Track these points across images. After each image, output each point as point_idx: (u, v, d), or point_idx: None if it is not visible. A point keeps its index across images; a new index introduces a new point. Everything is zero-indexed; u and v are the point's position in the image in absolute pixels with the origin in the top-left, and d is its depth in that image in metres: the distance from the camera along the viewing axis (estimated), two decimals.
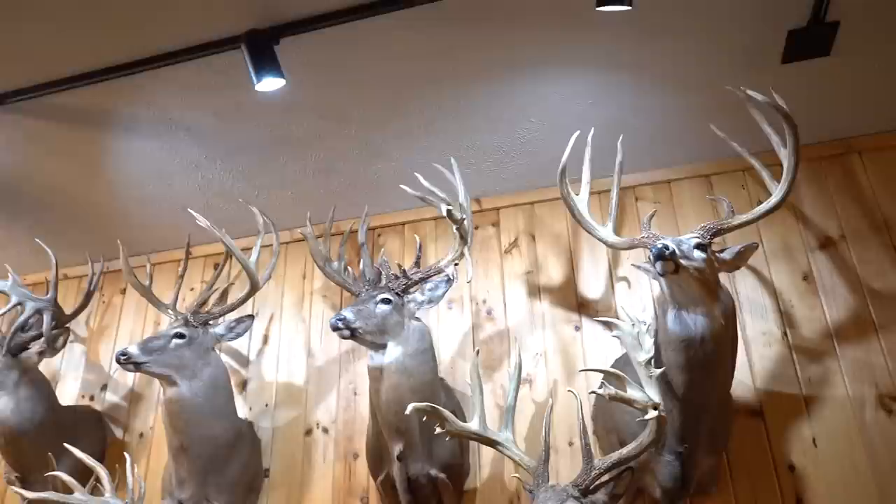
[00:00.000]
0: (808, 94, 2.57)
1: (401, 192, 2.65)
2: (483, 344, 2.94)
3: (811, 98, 2.61)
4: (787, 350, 2.60)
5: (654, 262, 2.04)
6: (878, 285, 2.63)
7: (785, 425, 2.50)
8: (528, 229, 3.14)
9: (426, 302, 2.61)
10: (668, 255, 2.00)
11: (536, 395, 2.78)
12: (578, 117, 2.69)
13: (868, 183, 2.82)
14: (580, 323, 2.87)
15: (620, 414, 2.39)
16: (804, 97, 2.25)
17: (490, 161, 2.99)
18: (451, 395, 2.80)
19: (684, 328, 2.11)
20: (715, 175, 3.00)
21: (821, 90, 2.63)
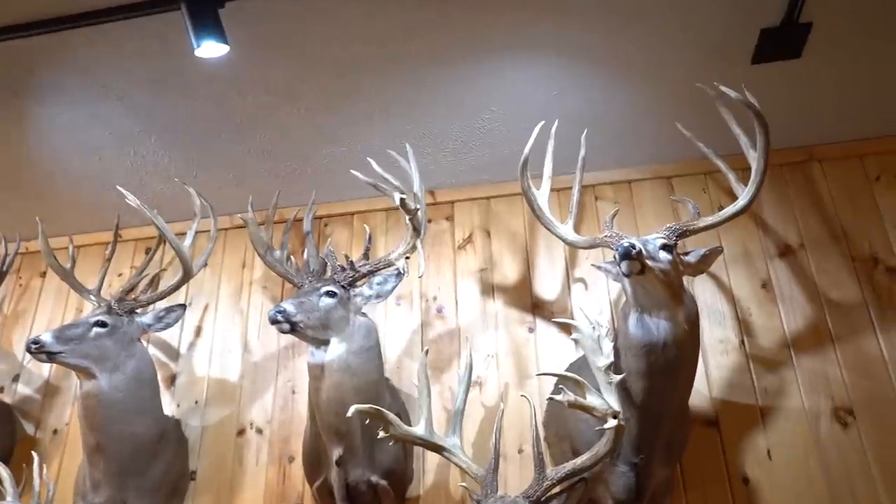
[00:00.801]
0: (774, 98, 2.50)
1: (351, 179, 2.48)
2: (432, 343, 2.79)
3: (777, 102, 2.54)
4: (745, 359, 2.54)
5: (619, 262, 1.92)
6: (835, 295, 2.59)
7: (740, 436, 2.43)
8: (483, 225, 3.00)
9: (374, 297, 2.45)
10: (634, 255, 1.89)
11: (486, 399, 2.65)
12: (542, 108, 2.57)
13: (828, 192, 2.78)
14: (534, 324, 2.75)
15: (574, 421, 2.28)
16: (771, 101, 2.19)
17: (447, 151, 2.84)
18: (396, 396, 2.64)
19: (646, 333, 2.01)
20: (676, 177, 2.92)
21: (787, 95, 2.57)
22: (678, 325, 2.00)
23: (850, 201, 2.75)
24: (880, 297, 2.56)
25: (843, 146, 2.83)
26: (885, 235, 2.66)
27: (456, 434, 2.11)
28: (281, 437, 2.75)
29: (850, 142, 2.83)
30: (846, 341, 2.51)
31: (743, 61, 2.41)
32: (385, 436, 1.98)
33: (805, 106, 2.65)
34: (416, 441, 2.06)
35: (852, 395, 2.43)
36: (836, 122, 2.75)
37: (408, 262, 2.43)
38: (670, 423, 2.14)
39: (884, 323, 2.52)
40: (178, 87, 2.52)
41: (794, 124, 2.71)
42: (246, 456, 2.75)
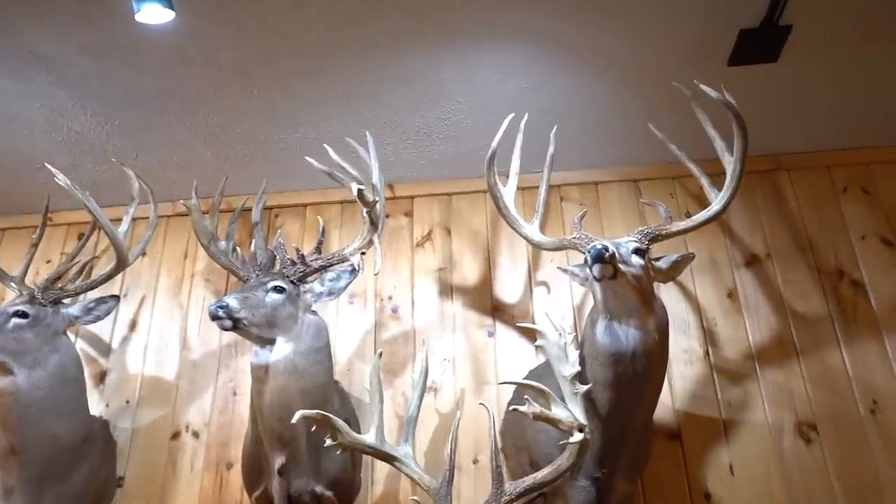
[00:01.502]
0: (747, 102, 2.43)
1: (305, 168, 2.30)
2: (386, 345, 2.63)
3: (749, 108, 2.45)
4: (709, 370, 2.46)
5: (590, 265, 1.81)
6: (800, 308, 2.54)
7: (703, 450, 2.35)
8: (443, 222, 2.86)
9: (325, 294, 2.29)
10: (607, 258, 1.78)
11: (441, 406, 2.51)
12: (511, 101, 2.44)
13: (795, 202, 2.74)
14: (494, 328, 2.62)
15: (534, 432, 2.16)
16: (743, 105, 2.12)
17: (408, 143, 2.69)
18: (345, 400, 2.48)
19: (615, 341, 1.90)
20: (644, 181, 2.84)
21: (760, 100, 2.51)
22: (648, 333, 1.90)
23: (817, 212, 2.71)
24: (845, 311, 2.52)
25: (811, 156, 2.79)
26: (851, 248, 2.62)
27: (408, 443, 1.97)
28: (219, 441, 2.56)
29: (818, 152, 2.79)
30: (811, 355, 2.46)
31: (720, 62, 2.32)
32: (332, 444, 1.83)
33: (777, 112, 2.59)
34: (366, 450, 1.91)
35: (816, 411, 2.37)
36: (805, 131, 2.70)
37: (363, 258, 2.27)
38: (635, 436, 2.04)
39: (848, 337, 2.47)
40: (118, 57, 2.30)
41: (764, 131, 2.65)
42: (180, 461, 2.55)
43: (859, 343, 2.46)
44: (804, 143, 2.76)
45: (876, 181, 2.74)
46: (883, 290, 2.54)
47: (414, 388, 2.04)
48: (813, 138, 2.74)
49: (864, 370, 2.42)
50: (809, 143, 2.76)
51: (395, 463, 1.94)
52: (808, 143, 2.76)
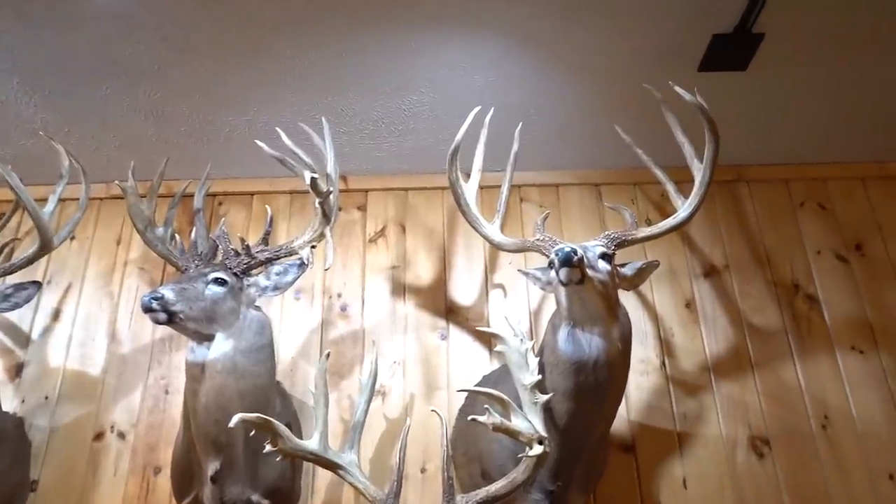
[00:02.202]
0: (713, 110, 2.40)
1: (253, 154, 2.15)
2: (333, 345, 2.49)
3: (715, 115, 2.44)
4: (665, 381, 2.41)
5: (557, 269, 1.72)
6: (756, 320, 2.52)
7: (656, 463, 2.30)
8: (398, 218, 2.74)
9: (271, 288, 2.13)
10: (576, 262, 1.69)
11: (389, 411, 2.39)
12: (476, 95, 2.35)
13: (754, 214, 2.72)
14: (447, 331, 2.52)
15: (487, 441, 2.06)
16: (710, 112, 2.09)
17: (365, 133, 2.56)
18: (287, 403, 2.33)
19: (577, 349, 1.82)
20: (606, 185, 2.78)
21: (726, 109, 2.46)
22: (612, 342, 1.82)
23: (775, 225, 2.70)
24: (799, 325, 2.51)
25: (771, 169, 2.79)
26: (807, 263, 2.62)
27: (353, 450, 1.85)
28: (147, 443, 2.37)
29: (777, 165, 2.79)
30: (765, 368, 2.44)
31: (690, 67, 2.28)
32: (273, 450, 1.70)
33: (741, 122, 2.56)
34: (309, 457, 1.78)
35: (769, 425, 2.35)
36: (766, 144, 2.69)
37: (313, 251, 2.13)
38: (592, 449, 1.97)
39: (802, 352, 2.46)
40: (52, 22, 2.09)
41: (727, 140, 2.59)
42: (103, 464, 2.34)
43: (812, 358, 2.45)
44: (765, 155, 2.75)
45: (832, 197, 2.75)
46: (836, 306, 2.54)
47: (362, 391, 1.92)
48: (773, 151, 2.73)
49: (816, 385, 2.41)
50: (770, 155, 2.75)
51: (339, 471, 1.82)
52: (769, 155, 2.75)
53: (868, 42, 2.24)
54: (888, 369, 2.43)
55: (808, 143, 2.70)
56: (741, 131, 2.61)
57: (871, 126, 2.63)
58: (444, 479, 1.77)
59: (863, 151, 2.76)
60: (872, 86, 2.44)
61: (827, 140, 2.70)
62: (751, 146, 2.69)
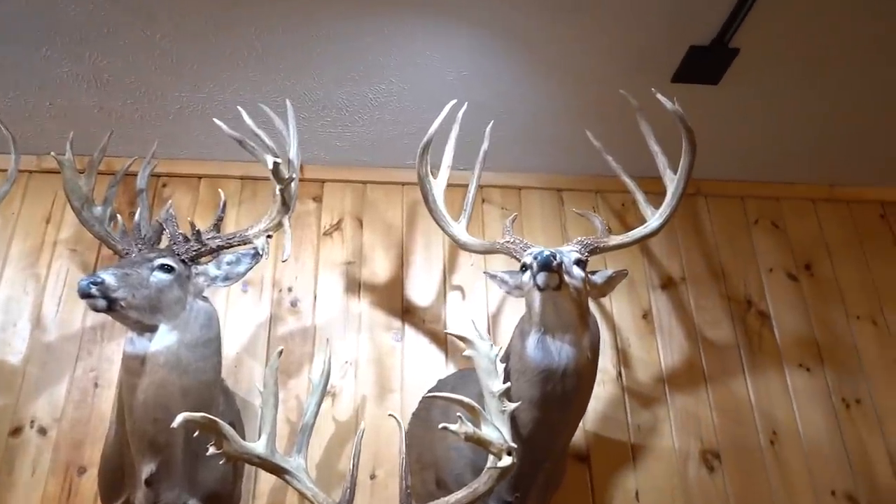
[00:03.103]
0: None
1: (205, 133, 2.04)
2: (282, 341, 2.36)
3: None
4: (621, 391, 2.39)
5: (536, 273, 1.66)
6: (711, 334, 2.53)
7: (610, 474, 2.27)
8: (355, 212, 2.63)
9: (221, 278, 1.99)
10: (555, 267, 1.64)
11: (339, 413, 2.27)
12: (447, 89, 2.27)
13: (710, 229, 2.75)
14: (402, 332, 2.42)
15: (444, 448, 1.98)
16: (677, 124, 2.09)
17: (327, 120, 2.44)
18: (230, 401, 2.18)
19: (546, 356, 1.76)
20: (568, 191, 2.75)
21: (693, 122, 2.46)
22: (582, 351, 1.77)
23: (730, 241, 2.73)
24: (751, 341, 2.54)
25: (728, 184, 2.82)
26: (760, 280, 2.66)
27: (302, 454, 1.75)
28: (72, 441, 2.17)
29: (734, 181, 2.82)
30: (718, 382, 2.45)
31: (664, 77, 2.26)
32: (216, 452, 1.57)
33: (705, 136, 2.55)
34: (255, 461, 1.66)
35: (720, 439, 2.36)
36: (726, 159, 2.72)
37: (269, 241, 2.00)
38: (554, 459, 1.92)
39: (753, 367, 2.49)
40: None
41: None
42: (20, 462, 2.13)
43: (762, 374, 2.48)
44: (724, 170, 2.78)
45: (785, 216, 2.81)
46: (786, 323, 2.58)
47: (312, 392, 1.82)
48: (732, 167, 2.76)
49: (765, 401, 2.44)
50: (728, 171, 2.78)
51: (285, 476, 1.71)
52: (728, 171, 2.78)
53: (831, 68, 2.29)
54: (833, 387, 2.48)
55: (764, 162, 2.74)
56: (704, 145, 2.58)
57: (824, 149, 2.69)
58: (402, 487, 1.70)
59: (814, 173, 2.83)
60: (828, 110, 2.49)
61: (782, 160, 2.74)
62: (712, 160, 2.70)
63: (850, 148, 2.69)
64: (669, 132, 1.99)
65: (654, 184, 2.02)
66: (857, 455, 2.38)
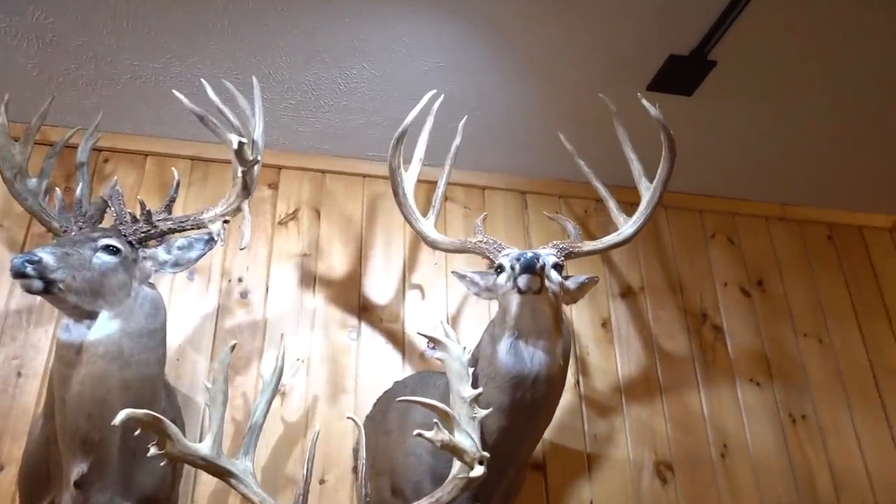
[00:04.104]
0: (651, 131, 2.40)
1: (156, 107, 1.89)
2: (229, 335, 2.21)
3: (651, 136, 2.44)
4: (578, 400, 2.35)
5: (517, 275, 1.60)
6: (667, 346, 2.53)
7: (565, 484, 2.23)
8: (313, 202, 2.50)
9: (171, 264, 1.84)
10: (538, 270, 1.57)
11: (288, 413, 2.14)
12: (421, 79, 2.18)
13: (669, 240, 2.75)
14: (358, 330, 2.31)
15: (402, 454, 1.89)
16: (646, 131, 2.07)
17: (290, 103, 2.31)
18: (172, 397, 2.02)
19: (518, 362, 1.69)
20: (532, 194, 2.70)
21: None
22: (555, 358, 1.72)
23: (688, 254, 2.74)
24: (705, 354, 2.55)
25: (687, 197, 2.83)
26: (715, 293, 2.68)
27: (249, 456, 1.63)
28: None
29: (693, 194, 2.84)
30: (673, 393, 2.45)
31: (640, 83, 2.24)
32: (158, 453, 1.44)
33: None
34: (199, 463, 1.53)
35: (673, 451, 2.35)
36: (688, 172, 2.73)
37: (226, 227, 1.86)
38: (517, 468, 1.86)
39: (706, 380, 2.50)
40: None
41: (655, 164, 2.63)
42: None
43: (715, 387, 2.50)
44: (684, 183, 2.79)
45: (740, 232, 2.84)
46: (738, 337, 2.61)
47: (262, 389, 1.70)
48: (693, 180, 2.78)
49: (717, 414, 2.45)
50: (688, 184, 2.79)
51: (231, 480, 1.59)
52: (688, 183, 2.79)
53: (796, 91, 2.33)
54: (781, 402, 2.52)
55: (723, 177, 2.77)
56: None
57: (779, 169, 2.74)
58: (360, 495, 1.61)
59: (768, 192, 2.88)
60: (787, 132, 2.53)
61: (739, 176, 2.78)
62: (675, 172, 2.69)
63: (802, 169, 2.75)
64: (644, 140, 1.98)
65: (620, 192, 2.02)
66: (802, 470, 2.42)
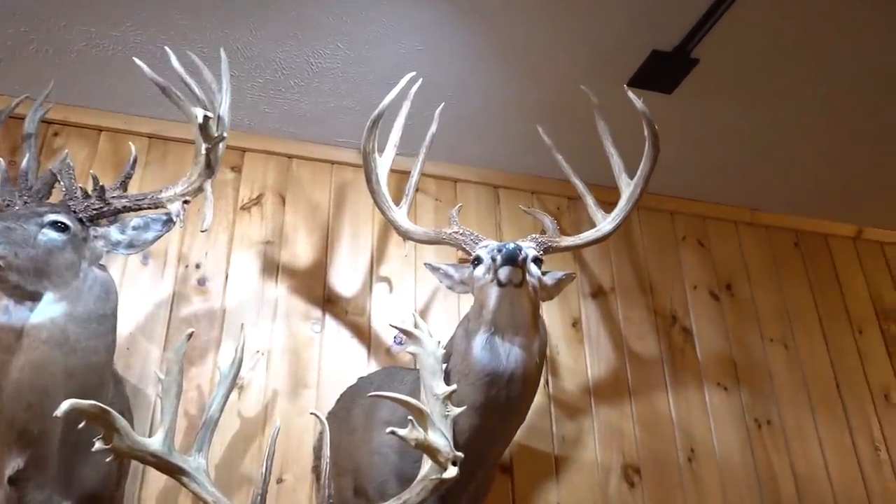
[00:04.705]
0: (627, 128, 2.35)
1: (113, 79, 1.77)
2: (185, 324, 2.08)
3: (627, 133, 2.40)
4: (548, 400, 2.30)
5: (499, 266, 1.53)
6: (637, 347, 2.50)
7: (532, 486, 2.16)
8: (278, 188, 2.39)
9: (124, 245, 1.71)
10: (521, 262, 1.50)
11: (246, 408, 2.03)
12: (397, 62, 2.10)
13: (641, 241, 2.72)
14: (322, 322, 2.21)
15: (367, 453, 1.80)
16: (624, 127, 2.03)
17: (258, 82, 2.19)
18: (120, 389, 1.88)
19: (494, 359, 1.62)
20: (504, 188, 2.64)
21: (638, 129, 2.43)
22: (531, 356, 1.65)
23: (659, 255, 2.71)
24: (674, 356, 2.52)
25: (660, 199, 2.81)
26: (684, 296, 2.66)
27: (203, 453, 1.53)
28: None
29: (665, 196, 2.81)
30: (642, 396, 2.41)
31: (621, 78, 2.19)
32: (104, 448, 1.34)
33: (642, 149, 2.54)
34: (149, 459, 1.43)
35: (641, 454, 2.31)
36: (661, 172, 2.67)
37: (185, 208, 1.74)
38: (486, 471, 1.78)
39: (675, 383, 2.47)
40: None
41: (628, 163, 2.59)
42: None
43: (684, 390, 2.47)
44: (656, 183, 2.72)
45: (710, 235, 2.83)
46: (706, 341, 2.59)
47: (220, 382, 1.60)
48: (666, 181, 2.74)
49: (685, 418, 2.42)
50: (661, 185, 2.76)
51: (182, 478, 1.48)
52: (660, 184, 2.75)
53: (774, 96, 2.31)
54: (747, 407, 2.51)
55: (695, 179, 2.75)
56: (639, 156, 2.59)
57: (749, 173, 2.73)
58: (323, 496, 1.52)
59: (739, 196, 2.88)
60: (760, 137, 2.52)
61: (711, 179, 2.77)
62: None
63: (772, 175, 2.75)
64: (623, 136, 1.94)
65: (595, 192, 2.01)
66: (766, 476, 2.41)
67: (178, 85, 1.66)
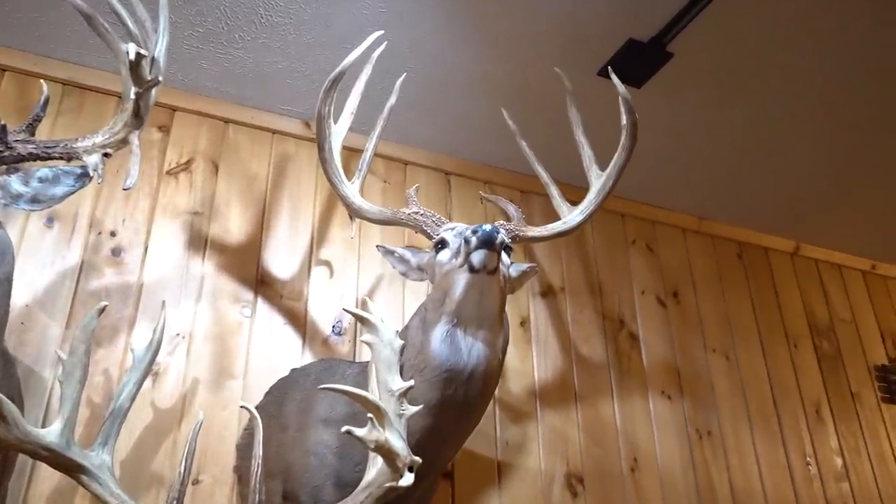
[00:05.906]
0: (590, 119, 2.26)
1: (26, 14, 1.48)
2: (93, 298, 1.81)
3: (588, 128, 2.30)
4: (493, 403, 2.15)
5: (472, 249, 1.37)
6: (584, 351, 2.40)
7: (474, 493, 2.02)
8: (210, 154, 2.14)
9: (27, 199, 1.45)
10: (497, 246, 1.35)
11: (160, 397, 1.78)
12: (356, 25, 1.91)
13: (592, 241, 2.63)
14: (254, 306, 1.99)
15: (301, 454, 1.62)
16: (585, 121, 1.94)
17: (197, 33, 1.94)
18: (10, 369, 1.60)
19: (454, 353, 1.46)
20: (456, 175, 2.49)
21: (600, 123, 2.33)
22: (495, 353, 1.50)
23: (609, 258, 2.63)
24: (621, 362, 2.44)
25: (612, 200, 2.70)
26: (632, 300, 2.59)
27: (108, 448, 1.33)
28: None
29: (618, 197, 2.74)
30: (588, 401, 2.31)
31: (593, 65, 2.08)
32: None
33: (606, 144, 2.44)
34: (41, 453, 1.22)
35: (585, 463, 2.21)
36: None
37: (105, 161, 1.50)
38: (435, 476, 1.63)
39: (621, 389, 2.39)
40: None
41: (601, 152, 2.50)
42: None
43: (629, 397, 2.39)
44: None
45: (658, 241, 2.78)
46: (652, 348, 2.53)
47: (132, 367, 1.39)
48: (620, 182, 2.66)
49: (630, 426, 2.34)
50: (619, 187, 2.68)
51: (81, 476, 1.27)
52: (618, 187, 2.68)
53: (735, 104, 2.27)
54: (689, 417, 2.46)
55: (647, 183, 2.69)
56: (603, 152, 2.49)
57: (698, 181, 2.70)
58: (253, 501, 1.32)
59: (687, 203, 2.84)
60: (713, 144, 2.48)
61: (662, 184, 2.71)
62: None
63: (720, 185, 2.73)
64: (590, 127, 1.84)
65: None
66: (705, 488, 2.36)
67: (106, 16, 1.42)
